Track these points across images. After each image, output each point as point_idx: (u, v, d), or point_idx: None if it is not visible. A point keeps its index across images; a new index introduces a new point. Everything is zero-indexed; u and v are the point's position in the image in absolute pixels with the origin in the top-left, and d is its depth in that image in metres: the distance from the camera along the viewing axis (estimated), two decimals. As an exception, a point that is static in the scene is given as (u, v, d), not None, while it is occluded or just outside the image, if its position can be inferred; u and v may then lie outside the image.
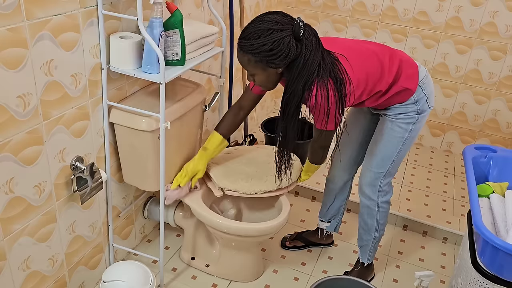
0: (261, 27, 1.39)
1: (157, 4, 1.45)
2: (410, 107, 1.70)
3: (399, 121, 1.73)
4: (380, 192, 1.88)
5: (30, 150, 1.41)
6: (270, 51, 1.39)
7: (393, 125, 1.75)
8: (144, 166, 1.77)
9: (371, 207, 1.91)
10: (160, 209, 1.80)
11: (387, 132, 1.77)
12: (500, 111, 2.99)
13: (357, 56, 1.57)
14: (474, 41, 2.88)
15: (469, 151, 1.76)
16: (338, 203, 2.12)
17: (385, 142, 1.78)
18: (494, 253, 1.38)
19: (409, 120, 1.72)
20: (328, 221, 2.17)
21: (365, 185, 1.89)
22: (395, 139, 1.76)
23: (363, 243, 2.02)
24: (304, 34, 1.40)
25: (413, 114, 1.71)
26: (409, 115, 1.72)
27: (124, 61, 1.56)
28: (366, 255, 2.04)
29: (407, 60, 1.69)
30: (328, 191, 2.11)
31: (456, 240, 2.39)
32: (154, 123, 1.64)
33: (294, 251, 2.26)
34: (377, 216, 1.93)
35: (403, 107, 1.71)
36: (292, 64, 1.44)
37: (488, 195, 1.67)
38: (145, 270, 1.67)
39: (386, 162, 1.81)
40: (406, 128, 1.74)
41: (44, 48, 1.35)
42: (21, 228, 1.47)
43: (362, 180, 1.90)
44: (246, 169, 1.95)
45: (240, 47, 1.43)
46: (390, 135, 1.76)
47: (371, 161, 1.84)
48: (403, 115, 1.72)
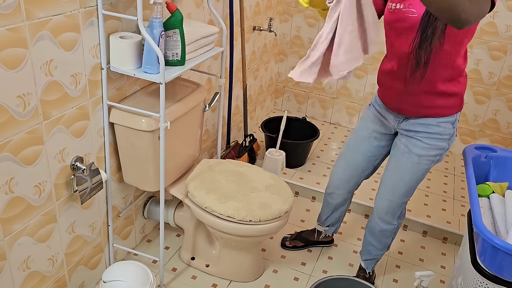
0: None
1: (157, 4, 1.45)
2: (448, 126, 1.58)
3: (430, 147, 1.61)
4: (400, 216, 1.83)
5: (30, 150, 1.41)
6: None
7: (421, 159, 1.63)
8: (144, 166, 1.77)
9: (389, 230, 1.86)
10: (160, 209, 1.80)
11: (414, 167, 1.65)
12: (500, 111, 2.99)
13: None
14: (474, 41, 2.87)
15: (469, 151, 1.76)
16: (337, 214, 2.09)
17: (411, 175, 1.68)
18: (494, 253, 1.38)
19: (442, 144, 1.60)
20: (327, 226, 2.16)
21: (385, 213, 1.81)
22: (421, 172, 1.67)
23: (372, 257, 1.98)
24: None
25: (447, 137, 1.59)
26: (443, 137, 1.59)
27: (124, 61, 1.56)
28: (372, 265, 2.02)
29: None
30: (327, 204, 2.07)
31: (456, 240, 2.39)
32: (154, 123, 1.64)
33: (294, 251, 2.26)
34: (393, 235, 1.90)
35: (441, 125, 1.58)
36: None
37: (488, 195, 1.67)
38: (145, 270, 1.67)
39: (410, 192, 1.74)
40: (433, 159, 1.63)
41: (44, 48, 1.35)
42: (21, 228, 1.47)
43: (382, 209, 1.81)
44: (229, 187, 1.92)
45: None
46: (417, 168, 1.65)
47: (394, 192, 1.74)
48: (437, 136, 1.59)
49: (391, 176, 1.74)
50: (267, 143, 2.90)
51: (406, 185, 1.71)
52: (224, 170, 2.00)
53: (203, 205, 1.82)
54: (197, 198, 1.84)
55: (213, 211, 1.80)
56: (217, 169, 1.99)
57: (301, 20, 3.22)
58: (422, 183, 2.85)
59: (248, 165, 2.08)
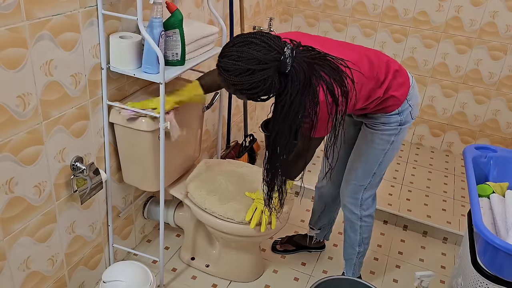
0: (240, 65, 1.23)
1: (157, 4, 1.45)
2: (393, 117, 1.63)
3: (380, 133, 1.66)
4: (362, 206, 1.82)
5: (30, 150, 1.41)
6: (249, 89, 1.26)
7: (374, 137, 1.68)
8: (144, 166, 1.77)
9: (353, 221, 1.86)
10: (160, 209, 1.80)
11: (368, 145, 1.70)
12: (500, 111, 2.98)
13: (359, 61, 1.47)
14: (474, 41, 2.87)
15: (469, 151, 1.76)
16: (329, 212, 2.09)
17: (366, 154, 1.72)
18: (494, 253, 1.38)
19: (391, 132, 1.65)
20: (318, 229, 2.15)
21: (346, 198, 1.84)
22: (376, 151, 1.70)
23: (347, 256, 1.98)
24: (291, 70, 1.25)
25: (395, 125, 1.64)
26: (391, 126, 1.65)
27: (124, 61, 1.56)
28: (351, 269, 1.99)
29: (400, 69, 1.63)
30: (318, 199, 2.08)
31: (456, 240, 2.39)
32: (154, 123, 1.64)
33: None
34: (360, 230, 1.88)
35: (386, 116, 1.64)
36: (278, 99, 1.31)
37: (488, 195, 1.67)
38: (145, 270, 1.67)
39: (367, 175, 1.75)
40: (388, 140, 1.67)
41: (44, 48, 1.35)
42: (21, 228, 1.47)
43: (343, 194, 1.85)
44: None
45: (218, 72, 1.29)
46: (371, 148, 1.70)
47: (352, 174, 1.78)
48: (385, 125, 1.65)
49: (351, 158, 1.81)
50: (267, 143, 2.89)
51: (361, 165, 1.75)
52: (224, 170, 1.99)
53: (203, 206, 1.81)
54: (197, 198, 1.84)
55: (213, 212, 1.80)
56: (217, 169, 1.99)
57: (301, 20, 3.22)
58: (422, 183, 2.86)
59: (248, 165, 2.08)
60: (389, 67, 1.59)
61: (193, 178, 1.93)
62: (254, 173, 2.00)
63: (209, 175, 1.95)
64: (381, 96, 1.57)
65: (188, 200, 1.91)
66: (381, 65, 1.57)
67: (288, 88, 1.27)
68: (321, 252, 2.26)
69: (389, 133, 1.66)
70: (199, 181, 1.91)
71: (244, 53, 1.23)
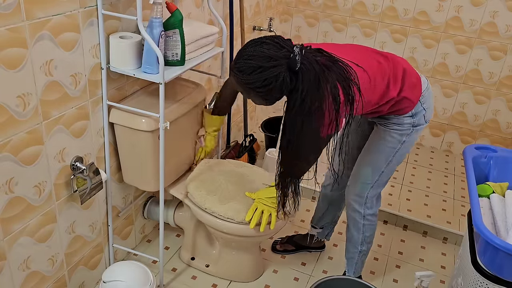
0: (252, 63, 1.29)
1: (157, 4, 1.45)
2: (407, 119, 1.65)
3: (393, 131, 1.67)
4: (366, 204, 1.82)
5: (30, 150, 1.41)
6: (263, 87, 1.31)
7: (386, 134, 1.69)
8: (144, 166, 1.77)
9: (356, 219, 1.86)
10: (160, 209, 1.80)
11: (379, 142, 1.71)
12: (500, 111, 2.98)
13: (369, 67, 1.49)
14: (474, 41, 2.87)
15: (469, 151, 1.76)
16: (332, 211, 2.09)
17: (376, 152, 1.72)
18: (494, 253, 1.38)
19: (403, 132, 1.67)
20: (321, 228, 2.15)
21: (351, 195, 1.83)
22: (386, 149, 1.70)
23: (349, 255, 1.97)
24: (301, 68, 1.29)
25: (408, 127, 1.66)
26: (404, 127, 1.66)
27: (124, 61, 1.56)
28: (352, 268, 1.98)
29: (410, 69, 1.64)
30: (322, 198, 2.08)
31: (456, 240, 2.39)
32: (154, 123, 1.64)
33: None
34: (363, 229, 1.87)
35: (400, 118, 1.65)
36: (290, 96, 1.35)
37: (488, 195, 1.67)
38: (145, 270, 1.67)
39: (375, 173, 1.75)
40: (399, 140, 1.68)
41: (44, 48, 1.35)
42: (21, 228, 1.47)
43: (349, 190, 1.85)
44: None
45: (233, 75, 1.35)
46: (382, 145, 1.71)
47: (360, 171, 1.78)
48: (398, 126, 1.66)
49: (361, 155, 1.82)
50: (267, 143, 2.90)
51: (371, 163, 1.77)
52: (224, 170, 1.99)
53: (203, 206, 1.81)
54: (197, 199, 1.84)
55: (213, 212, 1.79)
56: (217, 169, 1.99)
57: (301, 20, 3.22)
58: (422, 183, 2.86)
59: (248, 165, 2.08)
60: (398, 68, 1.60)
61: (193, 178, 1.93)
62: (254, 173, 2.00)
63: (209, 175, 1.95)
64: (395, 97, 1.58)
65: (188, 200, 1.91)
66: (394, 66, 1.59)
67: (299, 85, 1.31)
68: (321, 252, 2.26)
69: (401, 132, 1.68)
70: (199, 181, 1.91)
71: (256, 52, 1.30)
